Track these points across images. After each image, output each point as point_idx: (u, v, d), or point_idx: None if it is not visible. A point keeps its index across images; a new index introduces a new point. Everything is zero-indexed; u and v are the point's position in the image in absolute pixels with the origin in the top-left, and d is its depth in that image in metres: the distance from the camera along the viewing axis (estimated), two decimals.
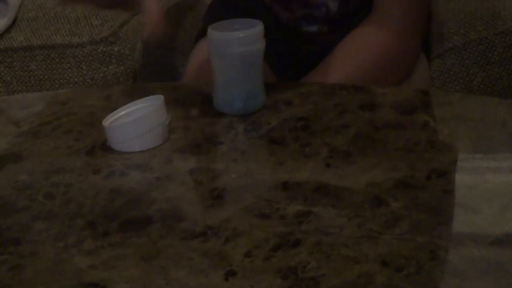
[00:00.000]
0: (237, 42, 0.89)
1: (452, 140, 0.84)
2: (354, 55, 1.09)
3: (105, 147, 0.86)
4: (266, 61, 1.07)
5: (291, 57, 1.23)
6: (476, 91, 1.29)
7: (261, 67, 0.93)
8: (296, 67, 1.22)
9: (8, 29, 1.56)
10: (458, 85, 1.29)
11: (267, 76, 1.14)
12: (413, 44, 1.11)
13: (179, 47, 1.41)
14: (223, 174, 0.79)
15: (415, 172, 0.75)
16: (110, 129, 0.86)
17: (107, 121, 0.87)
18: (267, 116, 0.92)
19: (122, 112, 0.89)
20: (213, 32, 0.91)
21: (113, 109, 0.89)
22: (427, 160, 0.78)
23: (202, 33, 1.22)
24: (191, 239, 0.68)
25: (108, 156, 0.85)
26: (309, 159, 0.81)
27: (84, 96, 1.07)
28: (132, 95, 0.96)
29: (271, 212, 0.71)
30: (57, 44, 1.53)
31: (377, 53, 1.08)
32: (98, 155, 0.86)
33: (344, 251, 0.64)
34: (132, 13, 1.57)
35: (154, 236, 0.69)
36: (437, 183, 0.74)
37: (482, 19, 1.31)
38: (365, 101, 0.94)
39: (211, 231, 0.69)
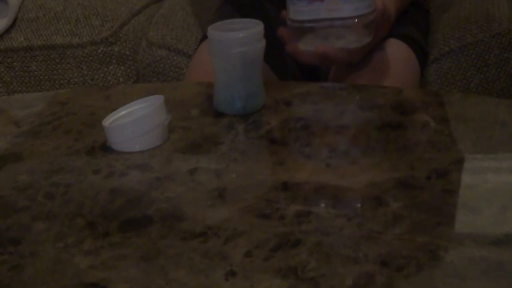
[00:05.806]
0: (237, 42, 0.89)
1: (452, 140, 0.84)
2: None
3: (105, 147, 0.86)
4: (266, 62, 1.07)
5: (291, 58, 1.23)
6: (474, 94, 1.29)
7: (261, 67, 0.93)
8: (297, 66, 1.22)
9: (8, 30, 1.56)
10: (456, 88, 1.29)
11: (268, 77, 1.14)
12: None
13: (184, 49, 1.40)
14: (223, 174, 0.79)
15: (415, 172, 0.75)
16: (110, 129, 0.86)
17: (107, 121, 0.87)
18: (267, 116, 0.92)
19: (122, 112, 0.89)
20: (213, 32, 0.91)
21: (113, 109, 0.89)
22: (427, 160, 0.78)
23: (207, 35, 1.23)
24: (191, 239, 0.68)
25: (108, 156, 0.85)
26: (309, 159, 0.81)
27: (84, 96, 1.07)
28: (132, 95, 0.96)
29: (271, 212, 0.71)
30: (57, 45, 1.53)
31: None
32: (98, 155, 0.86)
33: (344, 251, 0.64)
34: (132, 14, 1.57)
35: (154, 236, 0.69)
36: (437, 183, 0.74)
37: (477, 23, 1.31)
38: (365, 101, 0.93)
39: (211, 231, 0.68)
